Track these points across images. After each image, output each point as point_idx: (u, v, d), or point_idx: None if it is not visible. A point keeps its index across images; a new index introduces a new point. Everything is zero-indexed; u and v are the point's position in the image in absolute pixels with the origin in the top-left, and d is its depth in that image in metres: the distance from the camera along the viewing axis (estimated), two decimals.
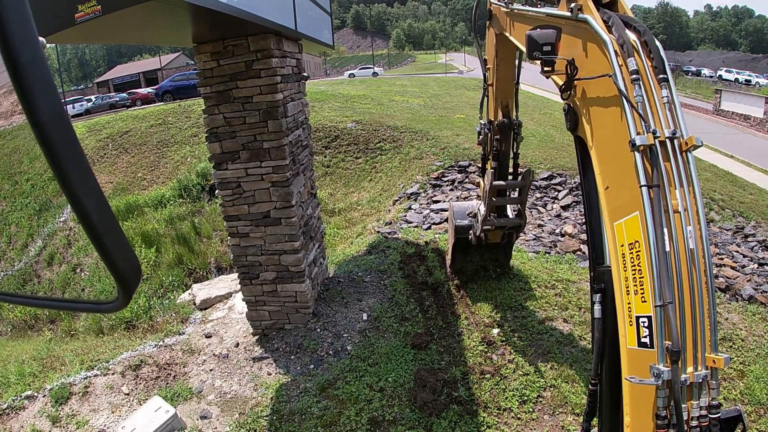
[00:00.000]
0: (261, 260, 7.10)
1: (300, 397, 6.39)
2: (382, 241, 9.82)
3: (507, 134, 6.46)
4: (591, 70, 3.26)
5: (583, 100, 3.44)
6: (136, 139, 21.70)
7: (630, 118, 2.90)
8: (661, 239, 2.74)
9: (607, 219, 3.15)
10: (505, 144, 6.55)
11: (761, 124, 25.78)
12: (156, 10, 4.02)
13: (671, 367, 2.63)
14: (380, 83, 34.93)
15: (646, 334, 2.82)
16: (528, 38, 3.56)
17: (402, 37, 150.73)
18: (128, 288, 0.80)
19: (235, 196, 6.81)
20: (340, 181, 16.29)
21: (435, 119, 20.25)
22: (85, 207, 0.68)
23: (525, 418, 6.11)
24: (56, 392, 6.77)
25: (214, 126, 6.59)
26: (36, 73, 0.61)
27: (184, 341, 7.87)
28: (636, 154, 2.85)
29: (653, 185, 2.79)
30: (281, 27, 6.09)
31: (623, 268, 2.97)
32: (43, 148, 0.63)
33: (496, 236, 7.38)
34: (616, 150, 3.09)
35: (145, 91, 37.92)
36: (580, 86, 3.45)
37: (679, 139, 2.88)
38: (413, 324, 7.41)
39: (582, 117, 3.49)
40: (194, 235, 14.98)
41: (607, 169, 3.21)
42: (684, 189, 2.83)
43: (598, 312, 3.44)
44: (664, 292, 2.68)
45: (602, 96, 3.21)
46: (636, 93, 2.94)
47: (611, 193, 3.15)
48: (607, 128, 3.22)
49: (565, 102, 3.64)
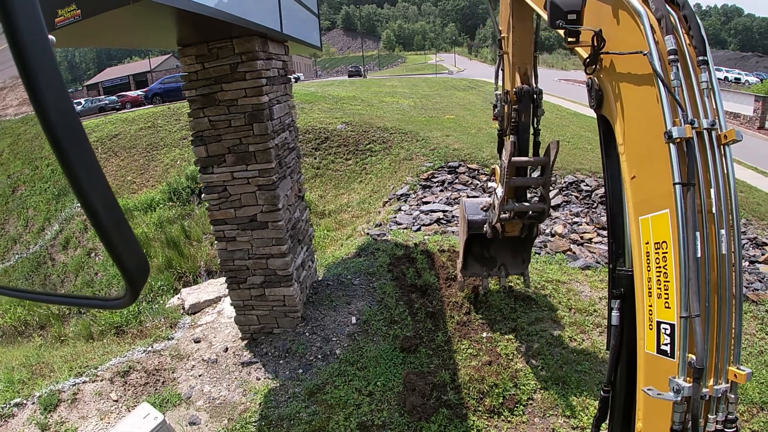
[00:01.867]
0: (248, 264, 7.04)
1: (288, 403, 6.34)
2: (372, 243, 9.78)
3: (527, 103, 5.65)
4: (622, 44, 2.95)
5: (611, 77, 3.13)
6: (126, 142, 21.54)
7: (666, 104, 2.60)
8: (693, 244, 2.51)
9: (632, 211, 2.91)
10: (525, 114, 5.71)
11: (751, 122, 25.97)
12: (136, 14, 3.96)
13: (692, 385, 2.48)
14: (370, 84, 34.92)
15: (666, 342, 2.66)
16: (551, 5, 3.25)
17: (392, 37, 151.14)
18: (135, 285, 0.81)
19: (221, 200, 6.75)
20: (330, 183, 16.23)
21: (425, 120, 20.24)
22: (94, 203, 0.69)
23: (515, 421, 6.08)
24: (45, 399, 6.69)
25: (200, 129, 6.53)
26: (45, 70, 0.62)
27: (172, 346, 7.80)
28: (671, 147, 2.57)
29: (689, 183, 2.53)
30: (266, 29, 6.05)
31: (646, 267, 2.77)
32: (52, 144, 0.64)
33: (514, 227, 6.52)
34: (647, 138, 2.81)
35: (135, 94, 37.82)
36: (607, 60, 3.13)
37: (717, 131, 2.61)
38: (402, 327, 7.37)
39: (608, 95, 3.18)
40: (184, 238, 14.87)
41: (636, 158, 2.93)
42: (720, 188, 2.58)
43: (616, 319, 3.27)
44: (692, 303, 2.48)
45: (634, 74, 2.89)
46: (674, 76, 2.63)
47: (638, 184, 2.89)
48: (637, 112, 2.92)
49: (589, 77, 3.33)
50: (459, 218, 7.61)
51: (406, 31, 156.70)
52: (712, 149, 2.59)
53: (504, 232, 6.55)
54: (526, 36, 5.55)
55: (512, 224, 6.44)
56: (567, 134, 18.65)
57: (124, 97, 37.22)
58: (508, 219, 6.15)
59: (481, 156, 14.36)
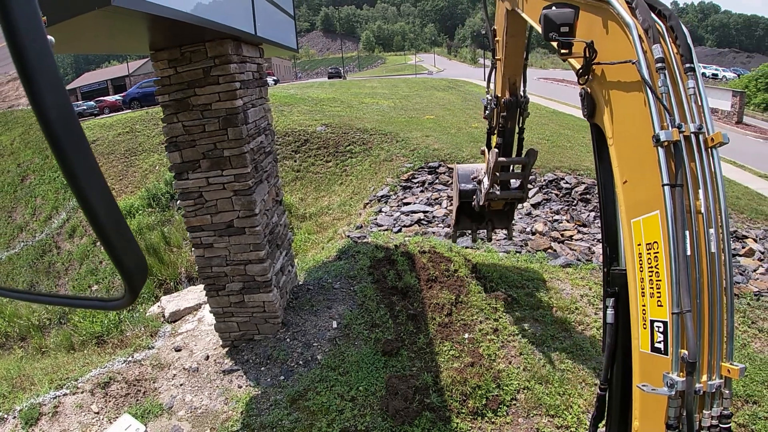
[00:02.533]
0: (226, 271, 6.95)
1: (271, 410, 6.27)
2: (352, 245, 9.72)
3: (513, 112, 6.44)
4: (612, 54, 3.08)
5: (602, 86, 3.25)
6: (104, 148, 21.28)
7: (654, 110, 2.73)
8: (683, 242, 2.61)
9: (624, 215, 3.01)
10: (510, 121, 6.53)
11: (729, 117, 26.35)
12: (104, 19, 3.87)
13: (686, 378, 2.54)
14: (350, 86, 34.86)
15: (660, 340, 2.72)
16: (544, 18, 3.42)
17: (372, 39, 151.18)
18: (134, 285, 0.82)
19: (197, 207, 6.65)
20: (310, 186, 16.16)
21: (405, 121, 20.23)
22: (92, 203, 0.70)
23: (499, 422, 6.06)
24: (26, 413, 6.56)
25: (174, 135, 6.42)
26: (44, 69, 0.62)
27: (153, 356, 7.69)
28: (660, 150, 2.68)
29: (677, 184, 2.64)
30: (239, 32, 5.97)
31: (639, 268, 2.85)
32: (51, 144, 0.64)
33: (498, 205, 7.55)
34: (637, 143, 2.92)
35: (113, 99, 37.30)
36: (598, 70, 3.25)
37: (704, 134, 2.72)
38: (383, 330, 7.32)
39: (600, 104, 3.30)
40: (164, 245, 14.73)
41: (627, 162, 3.04)
42: (708, 189, 2.68)
43: (611, 317, 3.31)
44: (683, 299, 2.57)
45: (624, 82, 3.03)
46: (661, 83, 2.75)
47: (630, 188, 2.99)
48: (628, 119, 3.05)
49: (582, 87, 3.44)
50: (453, 181, 8.52)
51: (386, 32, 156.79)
52: (699, 152, 2.69)
53: (489, 206, 7.51)
54: (519, 49, 6.04)
55: (496, 203, 7.42)
56: (547, 132, 18.75)
57: (102, 102, 36.72)
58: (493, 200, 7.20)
59: (461, 156, 14.37)
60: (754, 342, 7.26)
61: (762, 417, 5.98)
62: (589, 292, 8.09)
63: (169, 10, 4.16)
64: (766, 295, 8.33)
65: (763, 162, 17.15)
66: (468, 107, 25.22)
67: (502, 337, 7.17)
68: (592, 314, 7.62)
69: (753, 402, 6.19)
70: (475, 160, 13.85)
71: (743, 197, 12.90)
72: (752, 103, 32.41)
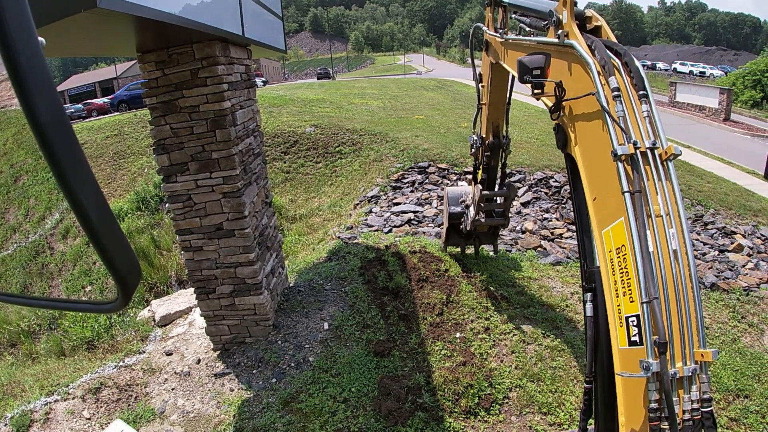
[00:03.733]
0: (216, 274, 6.90)
1: (263, 413, 6.25)
2: (343, 246, 9.71)
3: (496, 152, 7.32)
4: (577, 90, 3.46)
5: (571, 119, 3.64)
6: (92, 151, 21.15)
7: (612, 131, 3.06)
8: (645, 241, 2.87)
9: (596, 228, 3.30)
10: (494, 159, 7.42)
11: (716, 114, 26.55)
12: (91, 22, 3.83)
13: (659, 359, 2.72)
14: (339, 86, 34.83)
15: (635, 333, 2.92)
16: (519, 64, 3.81)
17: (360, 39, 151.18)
18: (127, 288, 0.81)
19: (186, 209, 6.60)
20: (300, 187, 16.12)
21: (394, 121, 20.23)
22: (85, 207, 0.69)
23: (492, 420, 6.08)
24: (17, 420, 6.47)
25: (162, 137, 6.38)
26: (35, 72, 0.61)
27: (144, 360, 7.63)
28: (618, 164, 3.02)
29: (635, 191, 2.94)
30: (227, 33, 5.94)
31: (612, 272, 3.10)
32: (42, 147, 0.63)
33: (484, 228, 8.34)
34: (600, 162, 3.26)
35: (101, 101, 37.09)
36: (567, 106, 3.65)
37: (659, 149, 3.04)
38: (375, 331, 7.31)
39: (570, 134, 3.69)
40: (154, 248, 14.63)
41: (594, 181, 3.39)
42: (665, 195, 2.97)
43: (590, 310, 3.60)
44: (650, 289, 2.80)
45: (587, 112, 3.41)
46: (617, 108, 3.10)
47: (599, 204, 3.32)
48: (592, 142, 3.40)
49: (555, 122, 3.83)
50: (443, 204, 9.30)
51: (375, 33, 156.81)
52: (656, 164, 3.02)
53: (476, 229, 8.26)
54: (502, 96, 6.85)
55: (482, 226, 8.14)
56: (535, 131, 18.83)
57: (90, 104, 36.52)
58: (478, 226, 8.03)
59: (451, 155, 14.40)
60: (744, 337, 7.32)
61: (753, 411, 6.03)
62: (579, 289, 8.11)
63: (156, 11, 4.13)
64: (755, 290, 8.40)
65: (750, 158, 17.31)
66: (457, 107, 25.28)
67: (493, 335, 7.18)
68: (582, 311, 7.63)
69: (744, 396, 6.24)
70: (464, 159, 13.88)
71: (731, 193, 13.00)
72: (739, 100, 32.74)
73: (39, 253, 16.38)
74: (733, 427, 5.93)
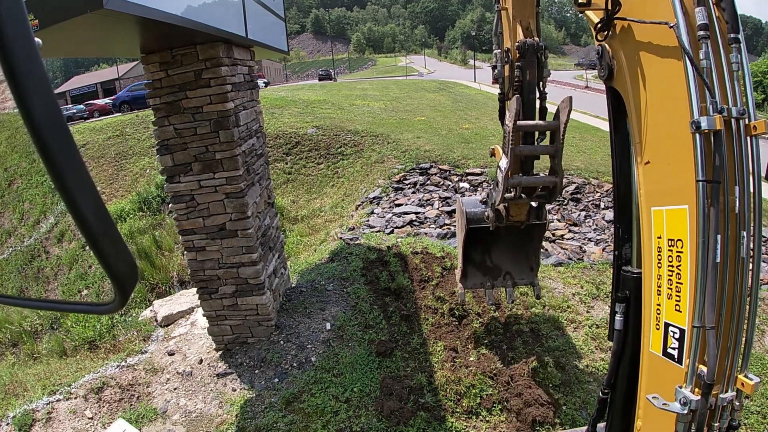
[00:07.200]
0: (219, 274, 6.93)
1: (265, 413, 6.26)
2: (345, 247, 9.73)
3: (531, 59, 4.74)
4: (644, 11, 2.59)
5: (627, 46, 2.78)
6: (94, 152, 21.16)
7: (694, 89, 2.29)
8: (714, 249, 2.27)
9: (644, 199, 2.66)
10: (530, 72, 4.79)
11: None
12: (96, 23, 3.87)
13: (700, 399, 2.34)
14: (341, 88, 34.87)
15: (674, 346, 2.49)
16: None
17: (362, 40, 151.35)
18: (125, 289, 0.80)
19: (189, 210, 6.63)
20: (302, 188, 16.15)
21: (396, 122, 20.26)
22: (82, 208, 0.68)
23: (494, 420, 6.09)
24: (19, 419, 6.48)
25: (165, 138, 6.41)
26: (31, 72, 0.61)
27: (146, 360, 7.65)
28: (697, 138, 2.28)
29: (714, 181, 2.27)
30: (231, 35, 5.97)
31: (657, 263, 2.56)
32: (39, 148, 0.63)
33: (520, 210, 5.53)
34: (667, 123, 2.52)
35: (103, 102, 37.16)
36: (621, 26, 2.79)
37: (745, 120, 2.31)
38: (377, 331, 7.34)
39: (621, 67, 2.84)
40: (155, 249, 14.65)
41: (651, 142, 2.63)
42: (744, 185, 2.33)
43: (620, 324, 3.05)
44: (707, 314, 2.29)
45: (655, 45, 2.54)
46: (703, 55, 2.29)
47: (653, 171, 2.61)
48: (657, 92, 2.59)
49: (600, 44, 2.96)
50: (457, 218, 6.73)
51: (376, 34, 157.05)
52: (739, 141, 2.32)
53: (509, 216, 5.56)
54: None
55: (518, 206, 5.44)
56: None
57: (92, 105, 36.56)
58: (513, 198, 5.02)
59: (453, 157, 14.41)
60: None
61: (754, 411, 6.05)
62: (581, 290, 8.14)
63: (161, 13, 4.17)
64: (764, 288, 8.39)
65: None
66: (458, 108, 25.31)
67: (496, 336, 7.19)
68: (584, 312, 7.66)
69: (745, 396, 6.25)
70: (465, 161, 13.89)
71: None
72: None
73: (35, 257, 16.35)
74: None
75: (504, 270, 6.58)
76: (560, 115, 4.75)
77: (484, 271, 6.61)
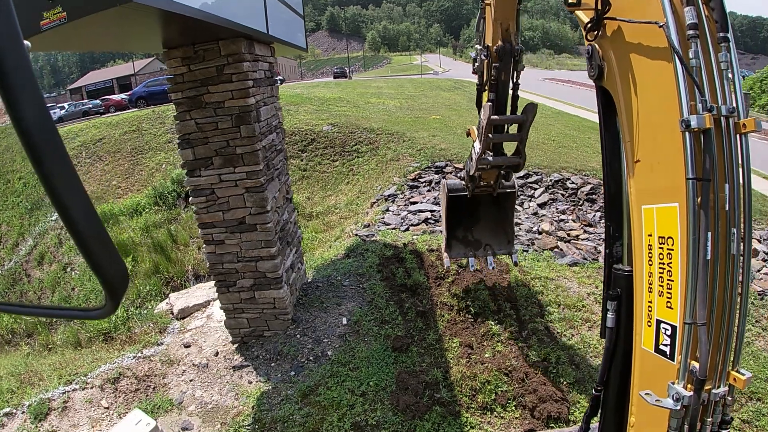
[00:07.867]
0: (237, 267, 7.00)
1: (281, 405, 6.32)
2: (360, 244, 9.78)
3: (507, 62, 5.27)
4: (632, 10, 2.62)
5: (616, 45, 2.79)
6: (110, 146, 21.36)
7: (684, 87, 2.32)
8: (704, 246, 2.29)
9: (634, 197, 2.68)
10: (504, 73, 5.35)
11: None
12: (123, 17, 3.94)
13: (693, 394, 2.36)
14: (356, 85, 34.91)
15: (666, 342, 2.52)
16: None
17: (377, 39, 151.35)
18: (116, 294, 0.80)
19: (209, 203, 6.71)
20: (317, 185, 16.21)
21: (411, 120, 20.26)
22: (72, 213, 0.68)
23: (508, 417, 6.10)
24: (35, 408, 6.59)
25: (186, 132, 6.48)
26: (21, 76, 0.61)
27: (162, 352, 7.74)
28: (687, 137, 2.31)
29: (704, 179, 2.29)
30: (252, 31, 6.03)
31: (648, 261, 2.58)
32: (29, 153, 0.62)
33: (490, 176, 6.66)
34: (656, 121, 2.53)
35: (119, 98, 37.51)
36: (612, 27, 2.79)
37: (735, 118, 2.33)
38: (393, 327, 7.38)
39: (611, 67, 2.86)
40: (171, 243, 14.78)
41: (642, 141, 2.64)
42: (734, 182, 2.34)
43: (612, 321, 3.07)
44: (698, 311, 2.32)
45: (645, 46, 2.57)
46: (693, 54, 2.32)
47: (643, 170, 2.63)
48: (647, 90, 2.61)
49: (590, 43, 2.97)
50: (440, 195, 7.86)
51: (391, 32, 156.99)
52: (728, 138, 2.34)
53: (481, 180, 6.72)
54: None
55: (488, 173, 6.60)
56: (552, 133, 18.77)
57: (108, 100, 36.97)
58: (484, 169, 6.23)
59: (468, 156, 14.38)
60: (758, 340, 7.29)
61: (765, 413, 6.01)
62: (596, 290, 8.13)
63: (187, 7, 4.23)
64: None
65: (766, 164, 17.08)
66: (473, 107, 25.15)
67: (510, 334, 7.21)
68: (598, 312, 7.65)
69: (757, 399, 6.22)
70: None
71: None
72: (757, 104, 32.43)
73: (16, 281, 16.29)
74: (745, 429, 5.91)
75: (484, 242, 7.64)
76: (527, 113, 5.53)
77: (465, 243, 7.68)
